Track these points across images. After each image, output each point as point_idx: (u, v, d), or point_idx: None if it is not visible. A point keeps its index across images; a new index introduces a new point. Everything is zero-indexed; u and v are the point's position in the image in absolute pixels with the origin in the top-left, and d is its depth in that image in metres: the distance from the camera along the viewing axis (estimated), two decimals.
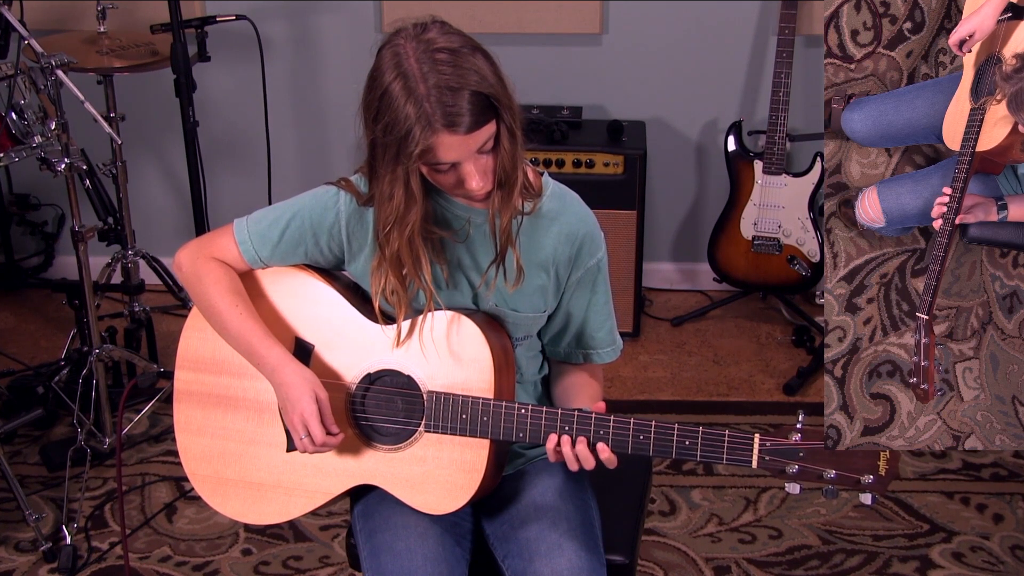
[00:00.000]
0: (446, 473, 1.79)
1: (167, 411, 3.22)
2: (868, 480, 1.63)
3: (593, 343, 1.92)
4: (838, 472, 1.63)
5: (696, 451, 1.67)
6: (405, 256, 1.73)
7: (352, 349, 1.83)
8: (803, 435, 1.65)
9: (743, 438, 1.66)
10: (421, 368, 1.79)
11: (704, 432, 1.67)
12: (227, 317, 1.82)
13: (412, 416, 1.80)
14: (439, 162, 1.64)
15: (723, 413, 3.34)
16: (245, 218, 1.88)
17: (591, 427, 1.69)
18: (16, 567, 2.73)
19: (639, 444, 1.68)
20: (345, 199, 1.81)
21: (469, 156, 1.64)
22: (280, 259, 1.86)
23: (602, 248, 1.86)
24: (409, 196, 1.67)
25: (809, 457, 1.64)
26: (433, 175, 1.68)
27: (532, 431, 1.72)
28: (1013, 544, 2.78)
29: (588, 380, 1.94)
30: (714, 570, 2.71)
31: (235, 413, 1.90)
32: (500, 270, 1.78)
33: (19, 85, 2.83)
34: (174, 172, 4.05)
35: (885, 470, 1.63)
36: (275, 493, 1.89)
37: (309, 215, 1.83)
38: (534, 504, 1.85)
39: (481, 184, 1.66)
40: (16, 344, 3.70)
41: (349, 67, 3.85)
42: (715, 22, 3.77)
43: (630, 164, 3.57)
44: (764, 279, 3.74)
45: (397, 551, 1.77)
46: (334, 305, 1.84)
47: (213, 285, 1.84)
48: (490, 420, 1.74)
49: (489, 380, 1.76)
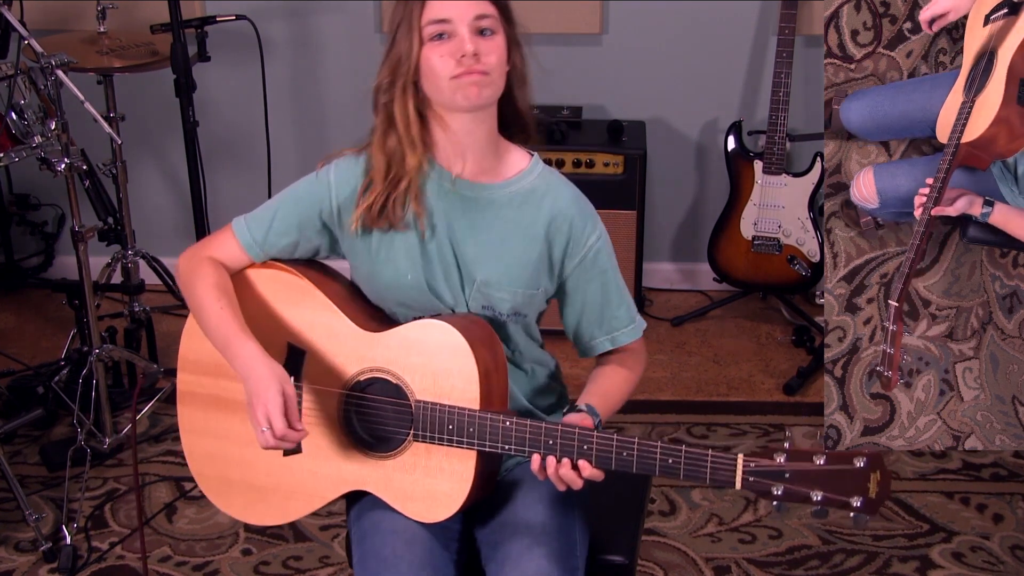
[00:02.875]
0: (435, 482, 1.79)
1: (167, 411, 3.22)
2: (857, 503, 1.58)
3: (615, 324, 1.92)
4: (825, 495, 1.58)
5: (679, 470, 1.65)
6: (399, 114, 1.78)
7: (344, 356, 1.83)
8: (789, 456, 1.59)
9: (726, 459, 1.62)
10: (410, 377, 1.79)
11: (687, 451, 1.64)
12: (209, 312, 1.84)
13: (401, 425, 1.80)
14: (437, 17, 1.71)
15: (723, 413, 3.34)
16: (243, 216, 1.92)
17: (574, 443, 1.69)
18: (16, 567, 2.74)
19: (622, 461, 1.68)
20: (335, 173, 1.85)
21: (466, 20, 1.71)
22: (276, 240, 1.88)
23: (599, 226, 1.87)
24: (409, 44, 1.74)
25: (795, 479, 1.58)
26: (431, 55, 1.73)
27: (517, 443, 1.72)
28: (1013, 544, 2.78)
29: (614, 369, 1.94)
30: (714, 570, 2.71)
31: (234, 416, 1.90)
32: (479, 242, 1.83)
33: (19, 85, 2.83)
34: (174, 172, 4.05)
35: (876, 492, 1.57)
36: (275, 496, 1.90)
37: (299, 194, 1.88)
38: (516, 514, 1.85)
39: (474, 50, 1.71)
40: (16, 344, 3.70)
41: (349, 67, 3.85)
42: (715, 22, 3.77)
43: (630, 164, 3.57)
44: (764, 279, 3.74)
45: (383, 557, 1.77)
46: (327, 312, 1.84)
47: (201, 280, 1.86)
48: (476, 431, 1.74)
49: (475, 391, 1.75)
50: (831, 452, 1.58)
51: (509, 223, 1.84)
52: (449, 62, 1.72)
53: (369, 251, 1.85)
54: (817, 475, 1.58)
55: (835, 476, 1.58)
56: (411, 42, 1.74)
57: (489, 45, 1.74)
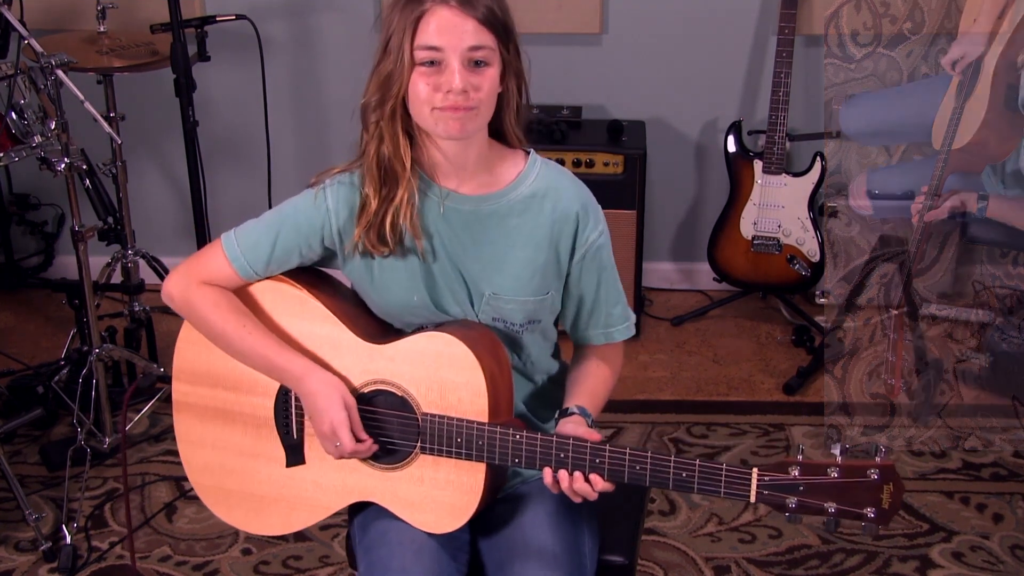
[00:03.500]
0: (444, 494, 1.77)
1: (167, 411, 3.22)
2: (871, 514, 1.57)
3: (611, 320, 1.90)
4: (838, 507, 1.58)
5: (693, 483, 1.64)
6: (388, 136, 1.73)
7: (346, 368, 1.80)
8: (803, 469, 1.59)
9: (741, 473, 1.62)
10: (415, 389, 1.76)
11: (701, 465, 1.63)
12: (236, 338, 1.80)
13: (407, 437, 1.78)
14: (430, 44, 1.65)
15: (723, 413, 3.34)
16: (232, 232, 1.84)
17: (586, 457, 1.68)
18: (16, 567, 2.73)
19: (635, 475, 1.67)
20: (332, 197, 1.79)
21: (458, 51, 1.65)
22: (276, 269, 1.83)
23: (601, 221, 1.84)
24: (399, 67, 1.69)
25: (809, 491, 1.59)
26: (419, 80, 1.68)
27: (528, 457, 1.70)
28: (1013, 544, 2.78)
29: (597, 365, 1.92)
30: (714, 570, 2.71)
31: (233, 427, 1.88)
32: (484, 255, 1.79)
33: (19, 85, 2.83)
34: (174, 172, 4.05)
35: (888, 503, 1.57)
36: (277, 506, 1.88)
37: (298, 221, 1.80)
38: (524, 533, 1.82)
39: (462, 87, 1.65)
40: (16, 344, 3.70)
41: (349, 67, 3.84)
42: (715, 22, 3.77)
43: (630, 164, 3.57)
44: (764, 279, 3.74)
45: (392, 569, 1.75)
46: (328, 323, 1.81)
47: (212, 310, 1.81)
48: (485, 444, 1.72)
49: (483, 403, 1.73)
50: (844, 464, 1.57)
51: (512, 232, 1.80)
52: (435, 94, 1.67)
53: (371, 276, 1.82)
54: (831, 488, 1.58)
55: (849, 489, 1.58)
56: (402, 64, 1.68)
57: (480, 79, 1.68)
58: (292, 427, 1.85)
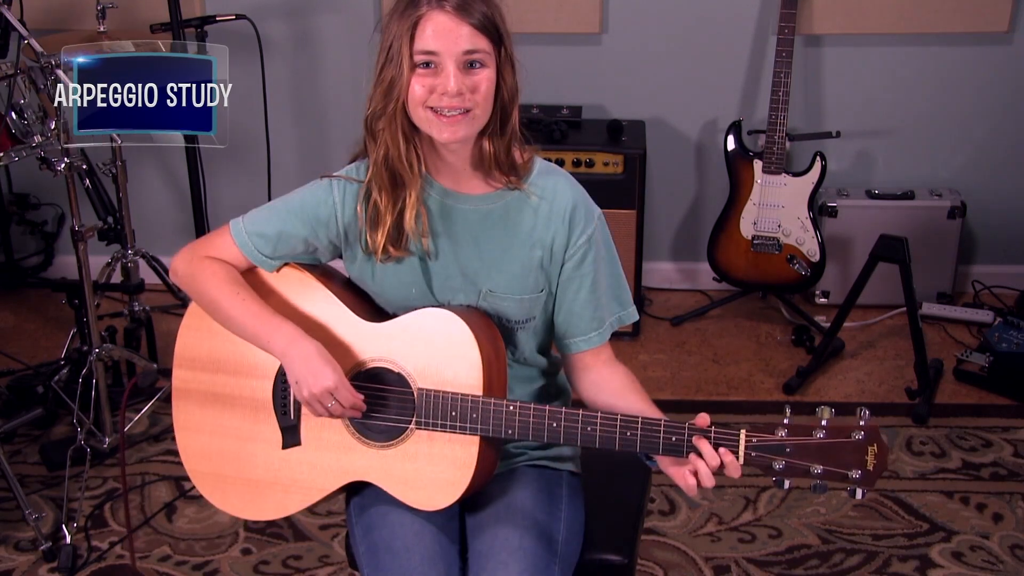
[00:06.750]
0: (437, 469, 1.80)
1: (167, 411, 3.22)
2: (856, 475, 1.62)
3: (574, 331, 1.89)
4: (825, 467, 1.62)
5: (683, 447, 1.68)
6: (389, 139, 1.75)
7: (344, 346, 1.83)
8: (789, 431, 1.63)
9: (729, 434, 1.66)
10: (411, 365, 1.79)
11: (690, 427, 1.68)
12: (228, 305, 1.83)
13: (403, 413, 1.81)
14: (426, 49, 1.68)
15: (723, 412, 3.34)
16: (241, 218, 1.88)
17: (578, 425, 1.71)
18: (16, 566, 2.74)
19: (626, 440, 1.70)
20: (339, 191, 1.83)
21: (453, 55, 1.68)
22: (281, 255, 1.87)
23: (590, 226, 1.85)
24: (399, 71, 1.71)
25: (796, 453, 1.63)
26: (416, 82, 1.70)
27: (521, 427, 1.74)
28: (1013, 543, 2.78)
29: (634, 381, 1.92)
30: (714, 569, 2.71)
31: (231, 411, 1.90)
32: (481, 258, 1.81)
33: (19, 85, 2.83)
34: (174, 172, 4.05)
35: (873, 464, 1.61)
36: (272, 490, 1.90)
37: (306, 211, 1.84)
38: (504, 509, 1.84)
39: (457, 90, 1.69)
40: (16, 344, 3.70)
41: (349, 67, 3.85)
42: (715, 22, 3.78)
43: (630, 164, 3.57)
44: (764, 278, 3.74)
45: (395, 549, 1.78)
46: (326, 302, 1.85)
47: (210, 278, 1.85)
48: (479, 417, 1.75)
49: (478, 377, 1.76)
50: (829, 425, 1.62)
51: (509, 231, 1.83)
52: (429, 95, 1.71)
53: (372, 272, 1.86)
54: (817, 449, 1.62)
55: (834, 449, 1.62)
56: (402, 67, 1.71)
57: (475, 80, 1.71)
58: (290, 408, 1.87)
